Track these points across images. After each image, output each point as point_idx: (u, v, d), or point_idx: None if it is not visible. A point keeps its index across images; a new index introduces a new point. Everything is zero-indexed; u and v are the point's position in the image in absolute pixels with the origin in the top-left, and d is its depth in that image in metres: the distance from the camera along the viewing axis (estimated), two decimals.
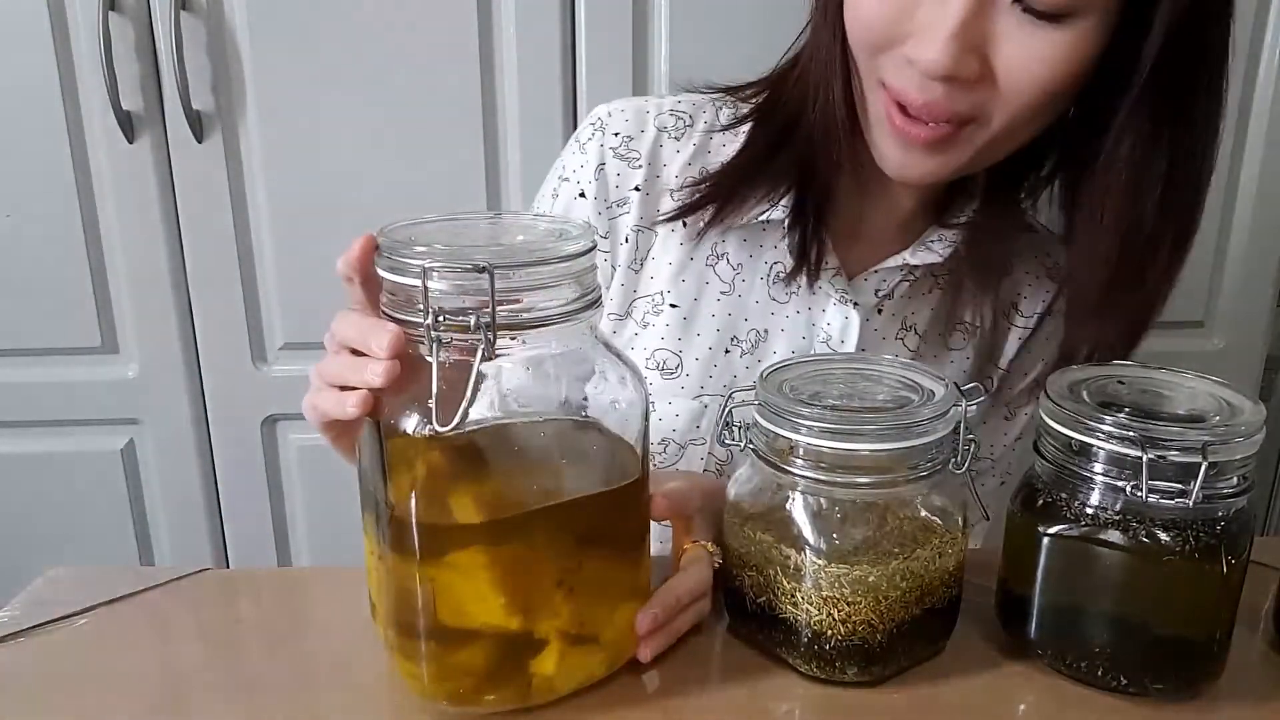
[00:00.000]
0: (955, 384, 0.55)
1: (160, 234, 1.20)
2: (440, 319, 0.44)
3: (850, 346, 0.76)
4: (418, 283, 0.44)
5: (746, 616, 0.57)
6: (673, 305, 0.77)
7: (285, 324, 1.26)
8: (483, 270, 0.44)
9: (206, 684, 0.56)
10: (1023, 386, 0.80)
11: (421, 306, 0.45)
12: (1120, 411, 0.51)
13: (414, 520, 0.47)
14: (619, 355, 0.52)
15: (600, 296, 0.50)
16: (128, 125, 1.15)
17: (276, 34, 1.14)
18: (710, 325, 0.77)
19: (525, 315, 0.46)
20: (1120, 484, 0.50)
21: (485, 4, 1.13)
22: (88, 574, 0.67)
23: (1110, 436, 0.50)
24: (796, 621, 0.54)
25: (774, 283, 0.77)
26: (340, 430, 0.57)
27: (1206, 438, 0.49)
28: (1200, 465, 0.48)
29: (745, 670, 0.56)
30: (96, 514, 1.33)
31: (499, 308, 0.44)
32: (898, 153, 0.65)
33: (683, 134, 0.78)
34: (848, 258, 0.76)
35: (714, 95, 0.79)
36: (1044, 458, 0.54)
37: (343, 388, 0.50)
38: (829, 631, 0.53)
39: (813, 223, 0.74)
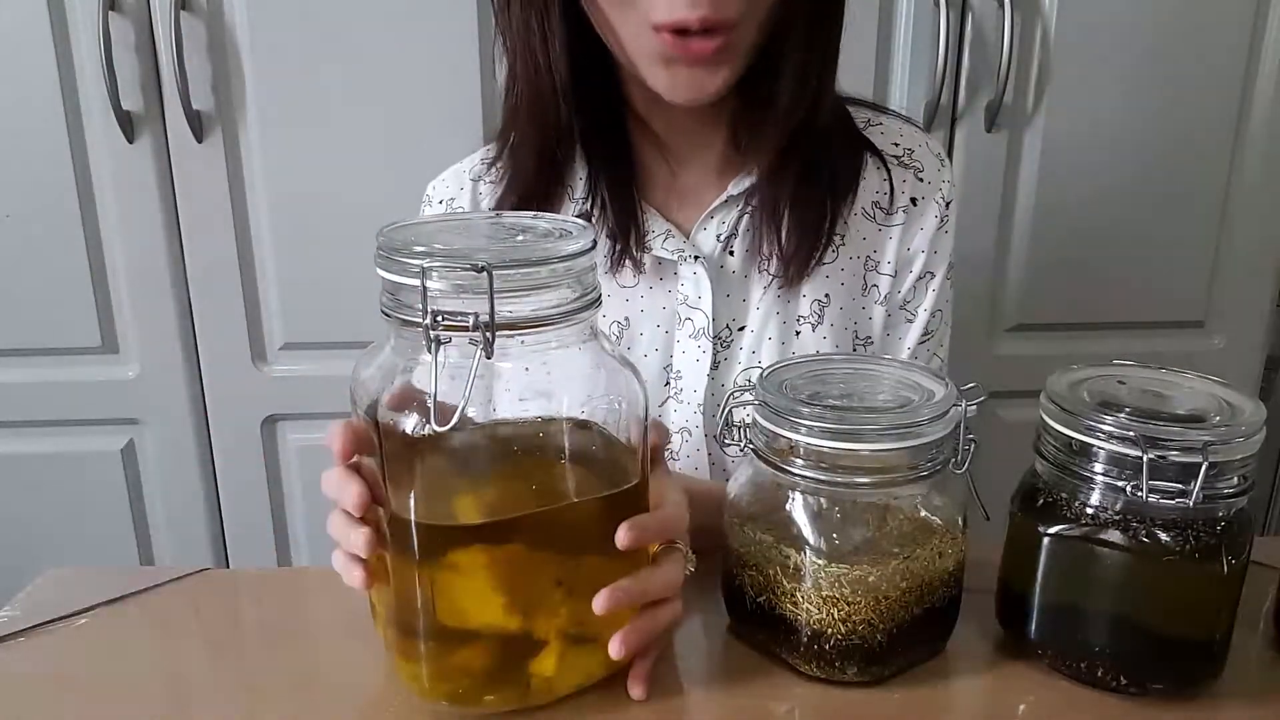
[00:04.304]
0: (955, 384, 0.55)
1: (160, 234, 1.20)
2: (439, 319, 0.44)
3: (706, 298, 0.78)
4: (417, 283, 0.44)
5: (746, 616, 0.57)
6: None
7: (285, 324, 1.26)
8: (482, 270, 0.44)
9: (206, 684, 0.56)
10: (912, 282, 0.82)
11: (420, 306, 0.45)
12: (1120, 411, 0.51)
13: (413, 520, 0.47)
14: (618, 355, 0.52)
15: (600, 296, 0.50)
16: (128, 125, 1.15)
17: (276, 34, 1.14)
18: None
19: (524, 315, 0.46)
20: (1121, 484, 0.50)
21: (485, 4, 1.13)
22: (88, 574, 0.67)
23: (1110, 436, 0.50)
24: (796, 621, 0.54)
25: (616, 271, 0.79)
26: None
27: (1207, 438, 0.49)
28: (1201, 465, 0.48)
29: (745, 670, 0.56)
30: (96, 514, 1.33)
31: (497, 307, 0.44)
32: (685, 77, 0.69)
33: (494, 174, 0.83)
34: (680, 219, 0.81)
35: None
36: (1044, 458, 0.54)
37: None
38: (829, 631, 0.53)
39: (609, 200, 0.78)
